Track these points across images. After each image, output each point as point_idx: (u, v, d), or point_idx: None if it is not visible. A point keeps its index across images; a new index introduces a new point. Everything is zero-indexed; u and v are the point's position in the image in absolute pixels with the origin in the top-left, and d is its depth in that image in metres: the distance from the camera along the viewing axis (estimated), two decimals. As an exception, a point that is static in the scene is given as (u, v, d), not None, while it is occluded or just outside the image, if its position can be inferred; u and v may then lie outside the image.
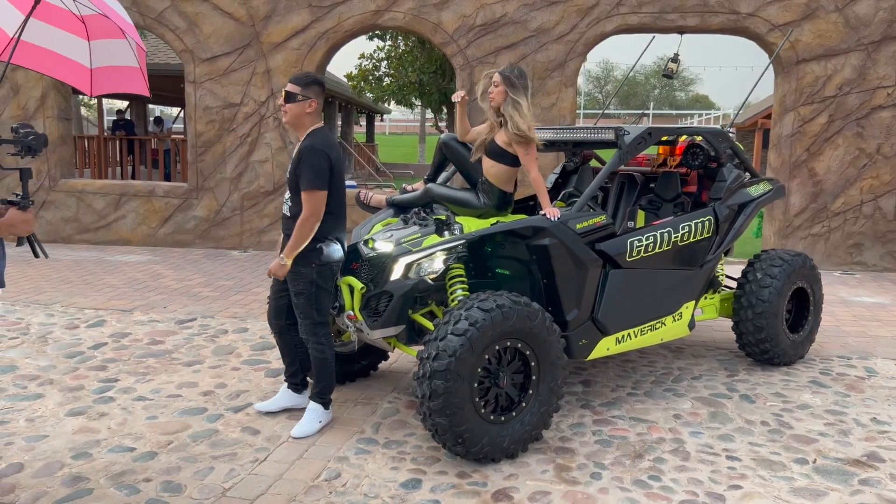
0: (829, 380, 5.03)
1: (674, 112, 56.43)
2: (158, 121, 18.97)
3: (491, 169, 4.32)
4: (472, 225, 4.17)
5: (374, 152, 27.23)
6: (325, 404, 4.07)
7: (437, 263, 3.92)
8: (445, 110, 14.31)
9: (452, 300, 4.04)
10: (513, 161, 4.26)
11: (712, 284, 5.27)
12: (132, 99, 21.06)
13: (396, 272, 3.92)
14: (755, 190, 5.14)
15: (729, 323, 6.19)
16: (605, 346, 4.28)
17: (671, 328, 4.64)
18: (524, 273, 4.22)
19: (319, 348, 3.99)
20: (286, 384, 4.31)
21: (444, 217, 4.13)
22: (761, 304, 5.00)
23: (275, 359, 5.32)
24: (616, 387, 4.83)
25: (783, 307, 5.06)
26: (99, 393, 4.55)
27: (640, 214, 5.10)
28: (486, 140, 4.33)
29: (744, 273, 5.18)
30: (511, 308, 3.57)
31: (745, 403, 4.56)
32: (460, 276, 4.08)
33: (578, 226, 4.07)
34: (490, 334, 3.51)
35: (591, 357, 4.24)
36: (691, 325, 4.81)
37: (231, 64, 9.80)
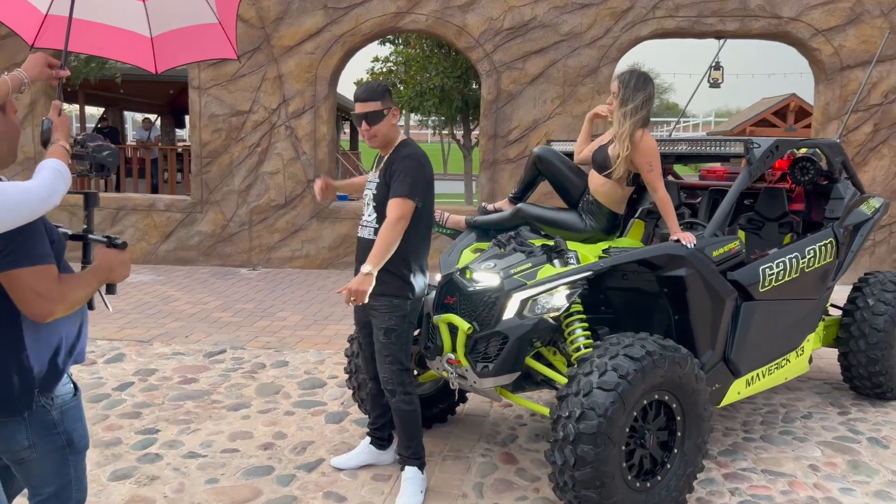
0: (950, 417, 4.57)
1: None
2: (148, 123, 17.73)
3: (601, 187, 3.77)
4: (583, 252, 3.61)
5: (359, 160, 26.63)
6: (422, 466, 3.46)
7: (559, 299, 3.33)
8: (459, 119, 13.72)
9: (572, 342, 3.46)
10: (630, 178, 3.71)
11: (819, 312, 4.79)
12: (108, 104, 20.00)
13: (510, 310, 3.33)
14: (868, 208, 4.66)
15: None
16: (737, 390, 3.75)
17: (794, 365, 4.13)
18: (645, 307, 3.67)
19: (408, 399, 3.38)
20: (368, 438, 3.71)
21: (552, 243, 3.57)
22: (875, 333, 4.51)
23: (330, 399, 4.70)
24: (726, 430, 4.30)
25: (897, 336, 4.59)
26: (141, 448, 3.90)
27: (740, 235, 4.58)
28: (594, 150, 3.80)
29: (851, 299, 4.69)
30: (662, 355, 3.02)
31: (879, 449, 4.07)
32: (579, 312, 3.50)
33: (714, 253, 3.53)
34: (641, 387, 2.95)
35: (722, 404, 3.71)
36: (810, 360, 4.31)
37: (239, 69, 9.13)
